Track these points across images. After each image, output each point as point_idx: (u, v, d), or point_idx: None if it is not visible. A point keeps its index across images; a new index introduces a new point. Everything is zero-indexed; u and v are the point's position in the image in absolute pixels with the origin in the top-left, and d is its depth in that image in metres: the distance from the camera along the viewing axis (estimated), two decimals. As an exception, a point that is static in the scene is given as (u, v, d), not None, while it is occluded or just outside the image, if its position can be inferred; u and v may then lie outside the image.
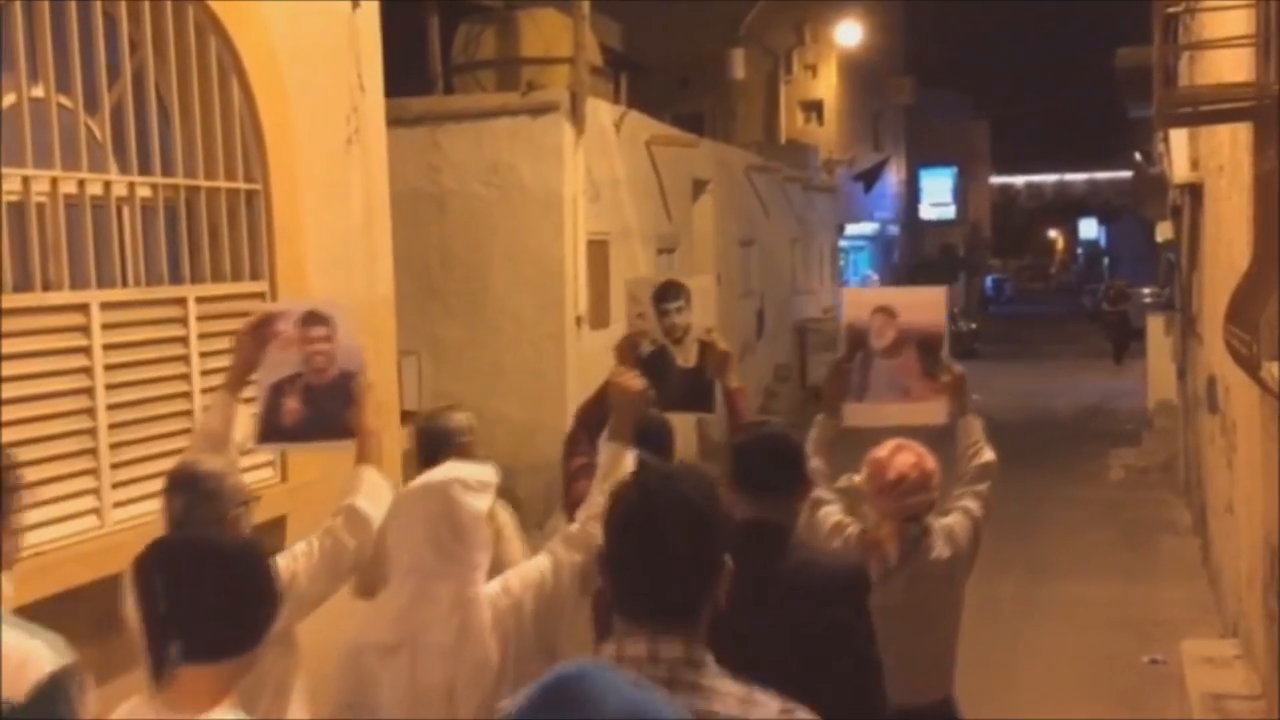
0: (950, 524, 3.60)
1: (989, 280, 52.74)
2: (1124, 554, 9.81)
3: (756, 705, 1.91)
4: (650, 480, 2.07)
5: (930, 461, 3.53)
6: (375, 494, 3.23)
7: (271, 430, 3.50)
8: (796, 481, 3.04)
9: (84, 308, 4.25)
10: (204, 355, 4.79)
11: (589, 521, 2.93)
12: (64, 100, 4.27)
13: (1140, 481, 13.18)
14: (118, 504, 4.32)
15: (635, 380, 3.24)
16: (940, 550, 3.51)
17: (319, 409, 3.44)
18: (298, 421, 3.46)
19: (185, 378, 4.71)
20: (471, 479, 2.84)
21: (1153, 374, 16.58)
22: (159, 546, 2.19)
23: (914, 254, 40.02)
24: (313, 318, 3.46)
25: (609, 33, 15.27)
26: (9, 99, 4.05)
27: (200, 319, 4.78)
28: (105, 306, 4.33)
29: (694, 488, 2.02)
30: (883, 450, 3.52)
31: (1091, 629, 7.89)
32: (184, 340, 4.71)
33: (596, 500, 2.90)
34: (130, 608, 2.50)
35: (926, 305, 3.96)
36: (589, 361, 10.59)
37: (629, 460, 2.95)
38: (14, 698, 2.23)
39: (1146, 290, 28.20)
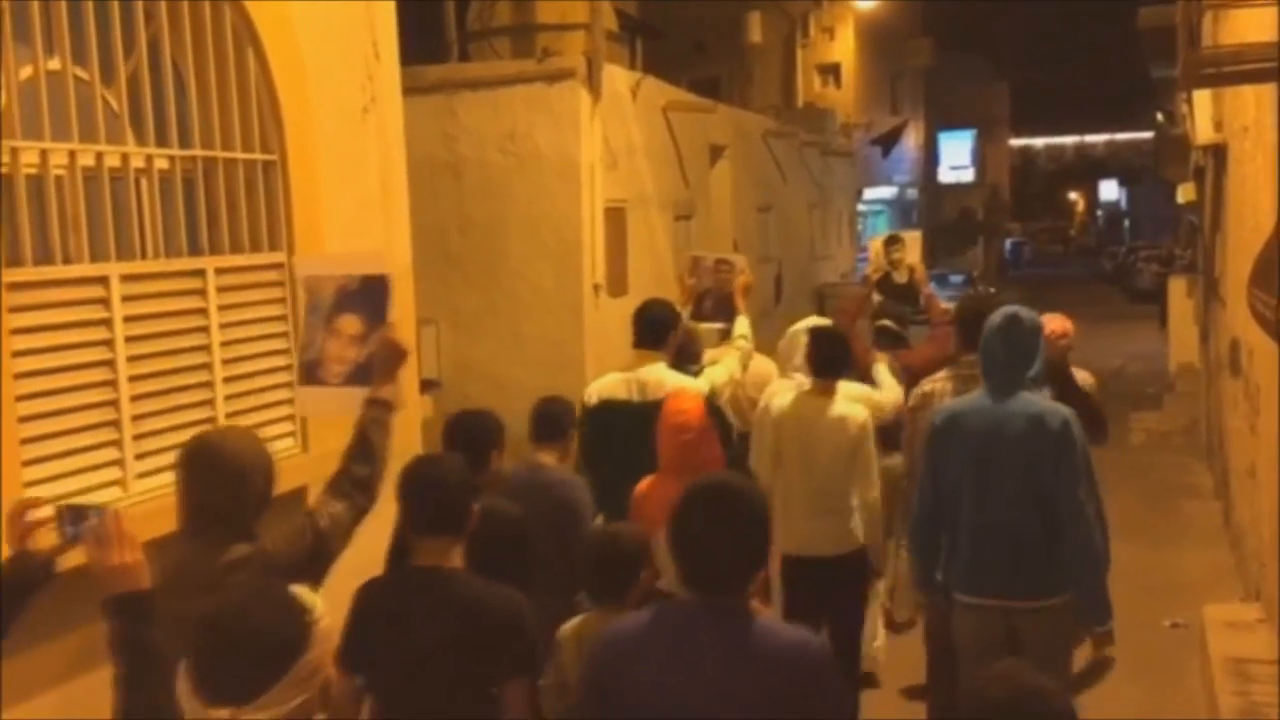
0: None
1: (1008, 243, 52.42)
2: (1145, 518, 9.76)
3: None
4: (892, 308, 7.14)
5: (1069, 323, 5.63)
6: (747, 327, 5.80)
7: (697, 315, 6.18)
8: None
9: (104, 280, 4.26)
10: (224, 326, 4.80)
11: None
12: (80, 72, 4.27)
13: (1162, 445, 13.10)
14: (140, 475, 4.35)
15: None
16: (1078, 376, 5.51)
17: (720, 307, 6.16)
18: (710, 311, 6.20)
19: (205, 349, 4.72)
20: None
21: (1175, 337, 16.47)
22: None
23: (933, 217, 39.81)
24: (724, 261, 6.45)
25: (624, -3, 15.15)
26: (26, 71, 4.05)
27: (220, 290, 4.79)
28: (125, 279, 4.34)
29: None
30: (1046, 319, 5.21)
31: (1112, 592, 7.86)
32: (204, 312, 4.73)
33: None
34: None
35: None
36: (607, 329, 10.58)
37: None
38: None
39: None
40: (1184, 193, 15.45)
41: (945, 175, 46.51)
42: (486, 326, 10.84)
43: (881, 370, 5.93)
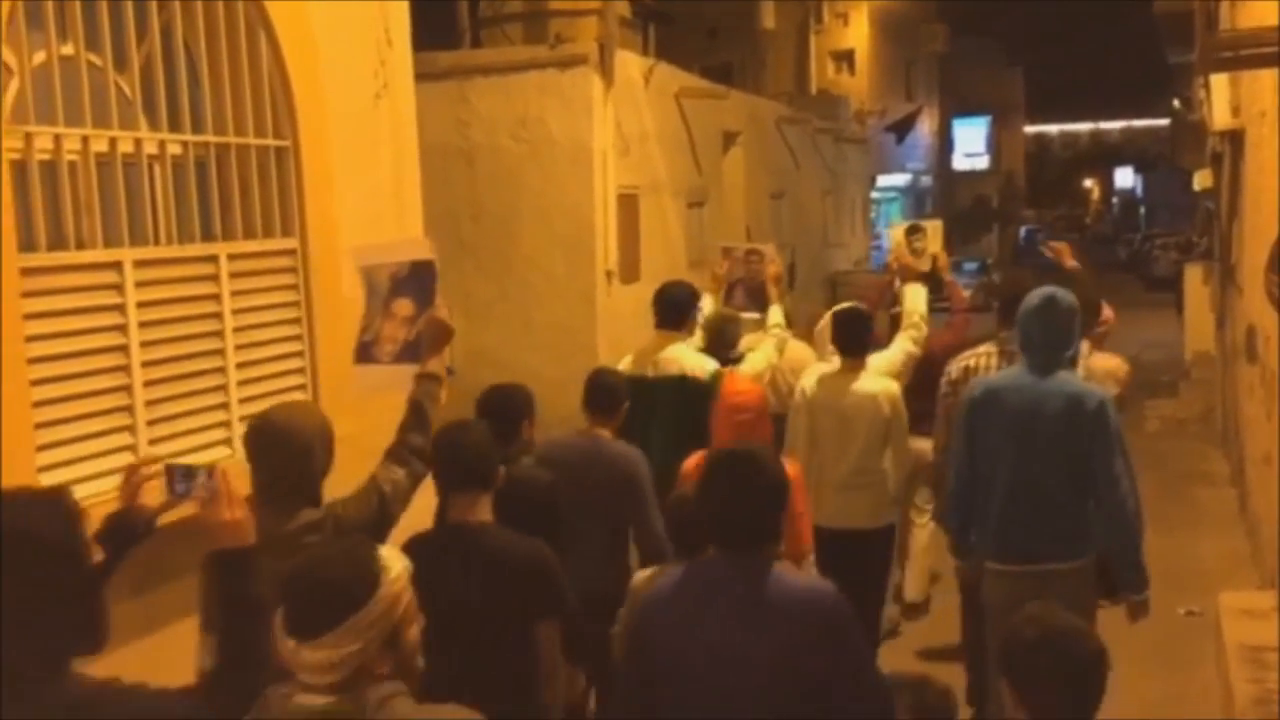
0: None
1: (1023, 231, 52.17)
2: (1161, 505, 9.69)
3: None
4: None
5: (1109, 310, 6.06)
6: (781, 316, 6.05)
7: (728, 305, 6.47)
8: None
9: (117, 265, 4.27)
10: (236, 312, 4.81)
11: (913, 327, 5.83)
12: (93, 58, 4.27)
13: (1178, 432, 13.05)
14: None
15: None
16: None
17: (752, 296, 6.67)
18: (741, 301, 6.75)
19: (218, 335, 4.73)
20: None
21: (1190, 324, 16.39)
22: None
23: (947, 205, 39.61)
24: (754, 251, 6.96)
25: (637, -17, 15.08)
26: (39, 57, 4.05)
27: (232, 276, 4.80)
28: (138, 264, 4.35)
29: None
30: None
31: (1127, 580, 7.83)
32: (217, 297, 4.73)
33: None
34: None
35: None
36: (619, 316, 10.57)
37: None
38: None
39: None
40: (1200, 179, 15.37)
41: (960, 162, 46.28)
42: (499, 314, 10.84)
43: (909, 293, 6.00)
